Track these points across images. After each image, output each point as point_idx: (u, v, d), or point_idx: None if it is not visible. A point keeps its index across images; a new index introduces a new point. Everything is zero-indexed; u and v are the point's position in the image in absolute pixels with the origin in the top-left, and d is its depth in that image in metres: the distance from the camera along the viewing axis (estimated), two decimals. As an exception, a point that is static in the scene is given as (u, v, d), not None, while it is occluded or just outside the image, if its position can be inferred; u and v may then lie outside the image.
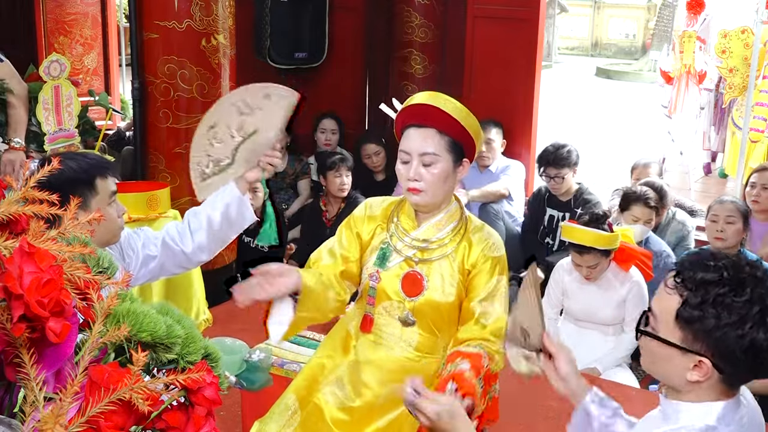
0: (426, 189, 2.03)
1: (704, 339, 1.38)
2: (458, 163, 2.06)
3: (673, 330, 1.42)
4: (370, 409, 2.05)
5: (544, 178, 4.76)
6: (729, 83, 6.57)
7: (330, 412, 2.06)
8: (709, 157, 7.75)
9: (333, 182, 4.72)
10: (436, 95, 2.06)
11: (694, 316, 1.38)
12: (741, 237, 3.81)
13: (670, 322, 1.42)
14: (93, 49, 7.63)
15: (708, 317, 1.37)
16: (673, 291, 1.42)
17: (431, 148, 2.01)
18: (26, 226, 0.92)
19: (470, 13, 5.70)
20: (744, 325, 1.35)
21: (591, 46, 23.40)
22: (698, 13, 6.83)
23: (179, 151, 4.01)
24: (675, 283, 1.42)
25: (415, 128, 2.04)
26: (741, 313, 1.35)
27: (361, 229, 2.16)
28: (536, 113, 5.64)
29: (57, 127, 3.71)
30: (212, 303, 4.02)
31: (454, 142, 2.03)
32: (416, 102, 2.06)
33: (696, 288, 1.39)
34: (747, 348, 1.35)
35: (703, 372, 1.40)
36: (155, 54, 3.94)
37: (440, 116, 2.00)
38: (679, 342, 1.41)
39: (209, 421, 0.95)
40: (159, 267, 2.31)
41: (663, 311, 1.44)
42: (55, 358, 0.87)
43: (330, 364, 2.15)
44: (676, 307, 1.41)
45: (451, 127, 2.02)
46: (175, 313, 1.00)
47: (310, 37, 6.00)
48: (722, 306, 1.36)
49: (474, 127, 2.06)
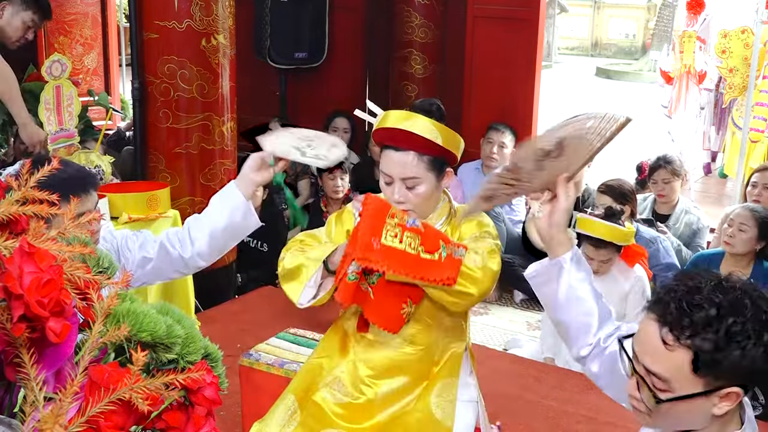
0: (413, 208, 2.03)
1: (728, 372, 1.30)
2: (442, 175, 2.06)
3: (693, 382, 1.32)
4: (371, 404, 2.06)
5: None
6: (729, 83, 6.57)
7: (330, 407, 2.07)
8: (709, 157, 7.76)
9: (327, 184, 4.73)
10: (410, 117, 2.00)
11: (717, 359, 1.28)
12: (752, 247, 3.68)
13: (688, 377, 1.31)
14: (93, 49, 7.62)
15: (732, 352, 1.28)
16: (676, 346, 1.31)
17: (411, 172, 2.00)
18: (26, 226, 0.92)
19: (470, 13, 5.70)
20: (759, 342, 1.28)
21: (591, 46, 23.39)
22: (698, 13, 6.83)
23: (179, 151, 4.01)
24: (674, 337, 1.31)
25: (393, 150, 2.02)
26: (756, 329, 1.29)
27: (351, 226, 2.16)
28: (536, 113, 5.64)
29: (58, 128, 3.70)
30: (212, 303, 4.02)
31: (434, 159, 2.01)
32: (389, 125, 2.01)
33: (702, 331, 1.29)
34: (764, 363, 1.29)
35: (732, 400, 1.33)
36: (155, 54, 3.94)
37: (417, 140, 1.98)
38: (703, 388, 1.32)
39: (209, 421, 0.95)
40: (155, 270, 2.30)
41: (674, 370, 1.32)
42: (55, 358, 0.87)
43: (328, 364, 2.15)
44: (689, 360, 1.30)
45: (430, 148, 1.99)
46: (175, 313, 1.00)
47: (310, 37, 6.00)
48: (740, 335, 1.28)
49: (453, 143, 2.03)
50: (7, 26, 3.62)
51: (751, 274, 3.70)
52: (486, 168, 5.26)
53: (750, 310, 1.29)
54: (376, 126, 2.06)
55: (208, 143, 4.05)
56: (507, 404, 3.04)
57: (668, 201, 4.58)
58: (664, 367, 1.33)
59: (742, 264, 3.71)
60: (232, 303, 4.15)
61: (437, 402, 2.05)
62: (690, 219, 4.56)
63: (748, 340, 1.27)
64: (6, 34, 3.64)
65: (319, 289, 2.06)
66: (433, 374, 2.08)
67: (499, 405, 2.56)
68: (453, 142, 2.03)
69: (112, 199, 3.48)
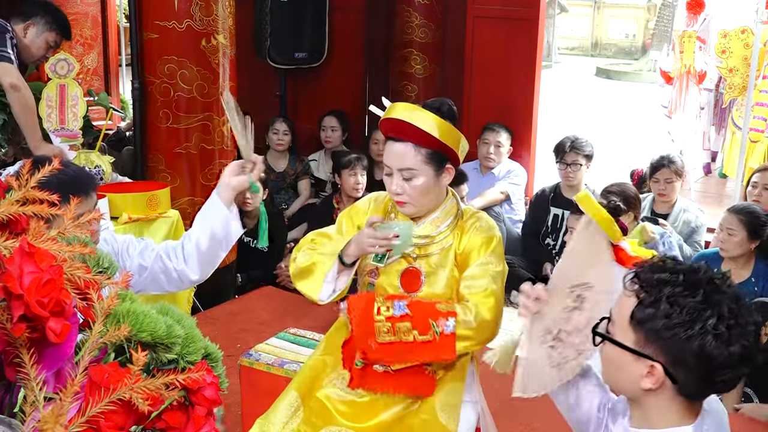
0: (410, 201, 2.05)
1: (655, 340, 1.35)
2: (441, 170, 2.06)
3: (627, 332, 1.40)
4: (375, 403, 2.06)
5: (559, 167, 4.75)
6: (729, 83, 6.57)
7: (334, 405, 2.07)
8: (709, 157, 7.75)
9: (347, 181, 4.69)
10: (412, 109, 2.03)
11: (647, 314, 1.36)
12: (747, 248, 3.67)
13: (625, 324, 1.40)
14: (93, 49, 7.62)
15: (659, 316, 1.34)
16: (631, 293, 1.40)
17: (409, 163, 2.02)
18: (26, 226, 0.92)
19: (470, 13, 5.70)
20: (693, 326, 1.31)
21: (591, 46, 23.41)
22: (698, 13, 6.83)
23: (179, 151, 4.01)
24: (632, 284, 1.40)
25: (393, 141, 2.05)
26: (692, 314, 1.32)
27: (362, 222, 2.17)
28: (536, 113, 5.64)
29: (59, 126, 3.70)
30: (212, 303, 4.02)
31: (432, 153, 2.02)
32: (392, 116, 2.04)
33: (651, 288, 1.37)
34: (697, 353, 1.31)
35: (655, 378, 1.37)
36: (155, 54, 3.94)
37: (416, 131, 1.99)
38: (633, 345, 1.39)
39: (209, 421, 0.95)
40: (150, 279, 2.30)
41: (619, 314, 1.42)
42: (55, 358, 0.87)
43: (332, 361, 2.15)
44: (631, 308, 1.39)
45: (428, 141, 2.01)
46: (175, 313, 1.00)
47: (310, 37, 6.00)
48: (674, 304, 1.33)
49: (453, 139, 2.04)
50: (31, 45, 3.67)
51: (751, 273, 3.71)
52: (484, 168, 5.26)
53: (700, 297, 1.33)
54: (383, 117, 2.09)
55: (208, 143, 4.05)
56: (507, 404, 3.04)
57: (668, 200, 4.60)
58: (617, 309, 1.45)
59: (741, 263, 3.72)
60: (232, 303, 4.15)
61: (442, 406, 2.05)
62: (688, 217, 4.57)
63: (679, 316, 1.33)
64: (30, 53, 3.69)
65: (337, 284, 2.09)
66: (440, 377, 2.08)
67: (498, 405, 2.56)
68: (453, 139, 2.03)
69: (112, 199, 3.48)
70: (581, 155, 4.67)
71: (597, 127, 11.14)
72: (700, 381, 1.37)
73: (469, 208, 2.17)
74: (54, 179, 1.00)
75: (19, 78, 3.48)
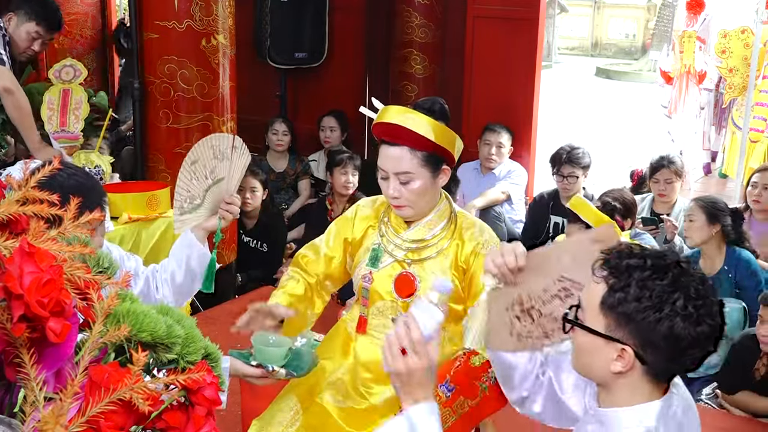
0: (408, 204, 2.05)
1: (626, 324, 1.37)
2: (437, 172, 2.05)
3: (597, 317, 1.42)
4: (374, 410, 2.06)
5: (555, 179, 4.71)
6: (729, 83, 6.58)
7: (334, 411, 2.07)
8: (709, 157, 7.76)
9: (338, 179, 4.70)
10: (404, 112, 2.01)
11: (617, 299, 1.38)
12: (708, 234, 3.75)
13: (595, 310, 1.42)
14: (93, 49, 7.62)
15: (629, 300, 1.36)
16: (600, 280, 1.42)
17: (405, 167, 2.01)
18: (26, 226, 0.92)
19: (470, 13, 5.70)
20: (663, 307, 1.34)
21: (591, 46, 23.41)
22: (698, 13, 6.84)
23: (179, 151, 4.00)
24: (601, 270, 1.42)
25: (388, 145, 2.04)
26: (661, 296, 1.35)
27: (348, 233, 2.19)
28: (536, 113, 5.64)
29: (59, 128, 3.70)
30: (212, 303, 4.02)
31: (428, 155, 2.02)
32: (385, 120, 2.03)
33: (620, 273, 1.39)
34: (666, 335, 1.34)
35: (626, 362, 1.39)
36: (155, 54, 3.94)
37: (411, 135, 1.98)
38: (604, 330, 1.41)
39: (209, 421, 0.95)
40: None
41: (589, 300, 1.44)
42: (55, 358, 0.87)
43: (330, 366, 2.15)
44: (601, 294, 1.41)
45: (424, 144, 2.00)
46: (175, 313, 1.00)
47: (310, 37, 6.00)
48: (644, 288, 1.36)
49: (447, 140, 2.03)
50: (15, 37, 3.61)
51: (724, 261, 3.79)
52: (484, 169, 5.26)
53: (668, 280, 1.36)
54: (375, 121, 2.07)
55: (208, 143, 4.04)
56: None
57: (668, 201, 4.60)
58: (586, 295, 1.46)
59: (712, 254, 3.79)
60: (232, 303, 4.14)
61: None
62: None
63: (649, 299, 1.35)
64: (17, 46, 3.63)
65: None
66: None
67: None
68: (448, 140, 2.02)
69: (112, 199, 3.47)
70: (578, 167, 4.60)
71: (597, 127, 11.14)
72: (669, 361, 1.40)
73: (463, 212, 2.16)
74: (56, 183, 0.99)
75: (12, 81, 3.43)
